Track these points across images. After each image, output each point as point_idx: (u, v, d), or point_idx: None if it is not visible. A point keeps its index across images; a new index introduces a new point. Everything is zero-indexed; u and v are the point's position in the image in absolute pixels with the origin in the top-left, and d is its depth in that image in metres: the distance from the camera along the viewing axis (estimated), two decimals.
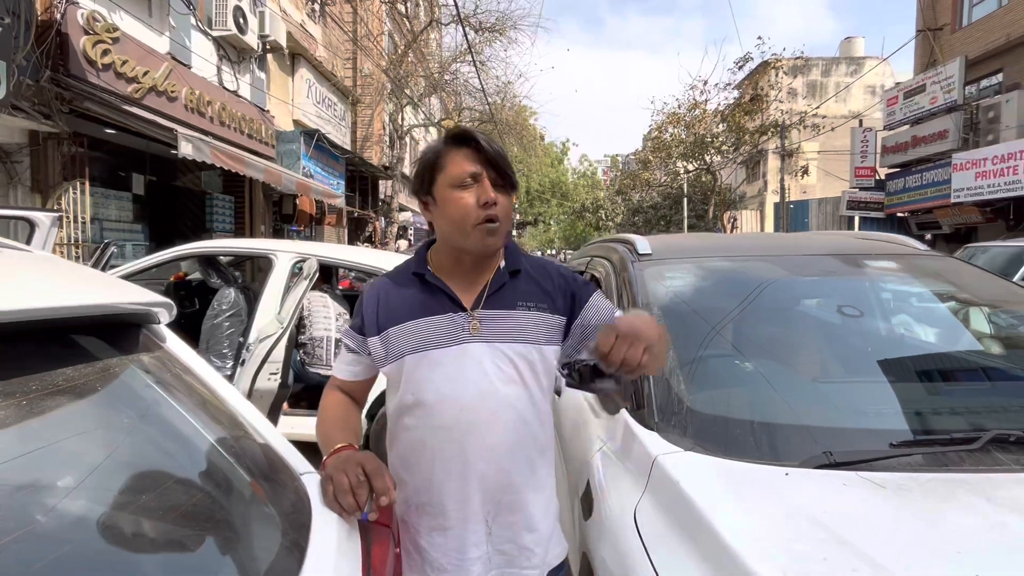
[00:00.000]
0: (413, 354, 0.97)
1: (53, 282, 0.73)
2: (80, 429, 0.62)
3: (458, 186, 0.95)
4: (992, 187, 11.15)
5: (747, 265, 1.84)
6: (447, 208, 0.96)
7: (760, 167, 23.78)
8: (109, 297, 0.76)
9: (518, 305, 0.99)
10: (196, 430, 0.73)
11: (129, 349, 0.78)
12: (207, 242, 3.85)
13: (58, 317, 0.66)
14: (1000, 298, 1.69)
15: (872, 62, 22.40)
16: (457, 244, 0.98)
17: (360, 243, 13.88)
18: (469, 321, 0.97)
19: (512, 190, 0.99)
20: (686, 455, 1.11)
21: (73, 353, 0.69)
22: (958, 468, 1.04)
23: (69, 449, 0.59)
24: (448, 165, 0.96)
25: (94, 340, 0.74)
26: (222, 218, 9.14)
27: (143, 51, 6.50)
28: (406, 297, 1.01)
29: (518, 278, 1.02)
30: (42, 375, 0.59)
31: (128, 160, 7.64)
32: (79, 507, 0.56)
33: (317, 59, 11.24)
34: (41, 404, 0.57)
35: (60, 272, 0.79)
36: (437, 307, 0.99)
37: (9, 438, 0.54)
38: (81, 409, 0.63)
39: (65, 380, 0.62)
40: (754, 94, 17.70)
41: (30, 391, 0.57)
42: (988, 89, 13.05)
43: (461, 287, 1.00)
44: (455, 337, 0.97)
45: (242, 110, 8.56)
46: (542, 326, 1.00)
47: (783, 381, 1.38)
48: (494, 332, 0.97)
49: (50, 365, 0.63)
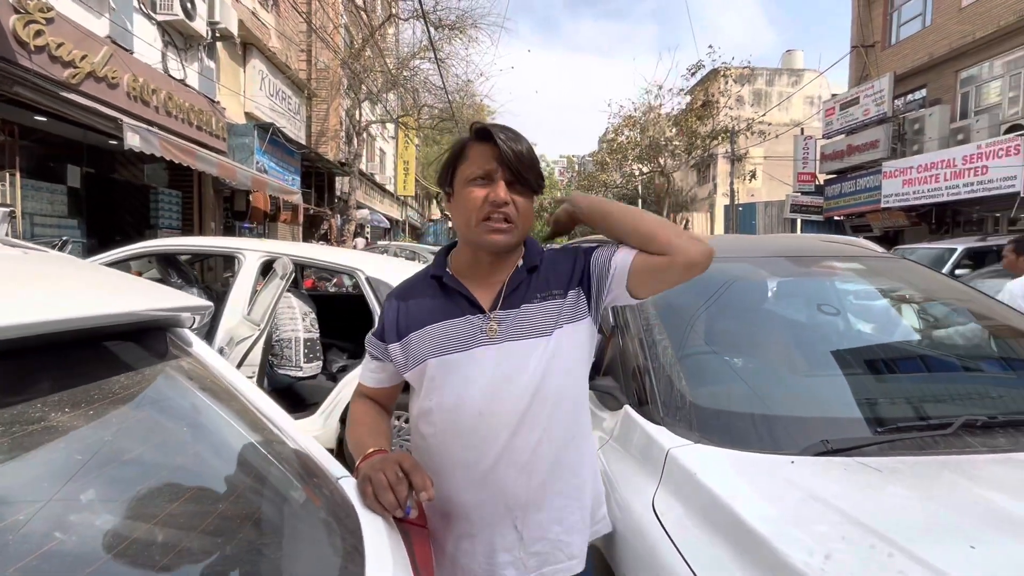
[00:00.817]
0: (433, 358, 0.96)
1: (84, 288, 0.69)
2: (144, 437, 0.59)
3: (472, 181, 0.95)
4: (917, 193, 12.13)
5: (731, 266, 1.94)
6: (460, 202, 0.97)
7: (710, 170, 24.82)
8: (142, 304, 0.72)
9: (534, 299, 0.98)
10: (243, 436, 0.71)
11: (162, 353, 0.75)
12: (166, 240, 3.64)
13: (92, 327, 0.62)
14: (957, 296, 1.87)
15: (811, 74, 23.82)
16: (468, 238, 0.98)
17: (315, 241, 13.45)
18: (487, 323, 0.96)
19: (533, 191, 0.98)
20: (697, 447, 1.16)
21: (113, 360, 0.65)
22: (937, 451, 1.14)
23: (136, 458, 0.56)
24: (468, 159, 0.96)
25: (129, 346, 0.70)
26: (168, 214, 8.62)
27: (80, 33, 6.04)
28: (425, 301, 1.00)
29: (536, 273, 1.01)
30: (100, 383, 0.56)
31: (62, 150, 7.08)
32: (151, 514, 0.54)
33: (270, 49, 10.80)
34: (107, 412, 0.54)
35: (86, 276, 0.75)
36: (456, 310, 0.98)
37: (79, 446, 0.51)
38: (138, 417, 0.60)
39: (121, 388, 0.59)
40: (705, 100, 18.43)
41: (92, 400, 0.54)
42: (913, 103, 14.17)
43: (480, 288, 0.99)
44: (473, 340, 0.96)
45: (190, 100, 8.11)
46: (556, 311, 0.97)
47: (776, 375, 1.47)
48: (511, 331, 0.96)
49: (98, 374, 0.60)
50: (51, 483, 0.52)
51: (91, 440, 0.54)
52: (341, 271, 4.88)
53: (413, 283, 1.06)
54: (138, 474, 0.56)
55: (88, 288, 0.68)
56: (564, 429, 0.99)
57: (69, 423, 0.54)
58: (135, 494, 0.58)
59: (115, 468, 0.58)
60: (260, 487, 0.69)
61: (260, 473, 0.71)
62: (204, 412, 0.71)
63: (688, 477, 1.07)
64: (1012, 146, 10.23)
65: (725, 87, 18.21)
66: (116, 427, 0.60)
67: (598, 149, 28.66)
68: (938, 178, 11.60)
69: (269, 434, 0.84)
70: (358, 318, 3.49)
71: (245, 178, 7.86)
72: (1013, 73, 11.70)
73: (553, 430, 0.97)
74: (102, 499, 0.58)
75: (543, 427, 0.96)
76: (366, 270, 3.25)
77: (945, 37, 12.84)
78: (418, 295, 1.02)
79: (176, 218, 8.79)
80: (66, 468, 0.52)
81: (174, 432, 0.68)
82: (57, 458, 0.53)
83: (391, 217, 21.83)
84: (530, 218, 0.99)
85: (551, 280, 1.00)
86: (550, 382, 0.96)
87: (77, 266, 0.80)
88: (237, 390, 0.84)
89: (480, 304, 0.97)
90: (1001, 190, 10.35)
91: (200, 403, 0.71)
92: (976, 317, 1.85)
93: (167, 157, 6.17)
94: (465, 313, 0.97)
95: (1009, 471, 1.06)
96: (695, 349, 1.56)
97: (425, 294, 1.02)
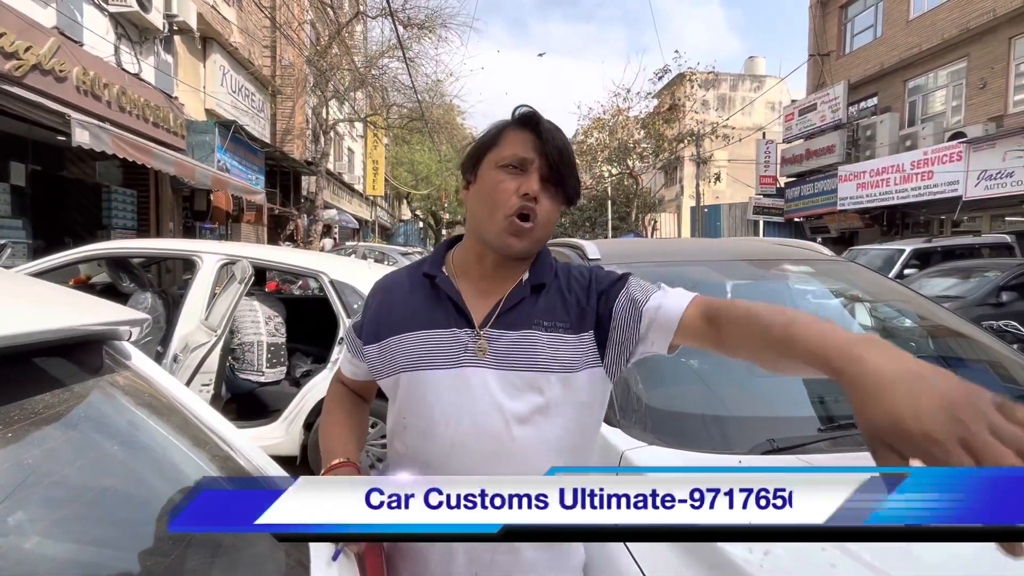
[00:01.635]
0: (407, 372, 0.82)
1: (10, 303, 0.66)
2: (72, 458, 0.57)
3: (504, 167, 0.81)
4: (870, 197, 12.72)
5: (687, 270, 2.00)
6: (483, 186, 0.83)
7: (677, 172, 25.39)
8: (74, 319, 0.70)
9: (533, 324, 0.81)
10: (184, 453, 0.69)
11: (96, 368, 0.72)
12: (118, 242, 3.50)
13: (20, 344, 0.60)
14: (899, 297, 1.98)
15: (772, 80, 24.67)
16: (481, 233, 0.84)
17: (282, 242, 13.13)
18: (475, 340, 0.81)
19: (564, 198, 0.85)
20: (650, 449, 1.19)
21: (42, 377, 0.63)
22: None
23: (66, 479, 0.54)
24: (502, 143, 0.83)
25: (60, 361, 0.67)
26: (122, 214, 8.26)
27: (24, 23, 5.73)
28: (410, 303, 0.87)
29: (541, 293, 0.84)
30: (21, 403, 0.54)
31: (4, 147, 6.70)
32: (84, 535, 0.52)
33: (232, 45, 10.48)
34: (30, 432, 0.52)
35: (13, 289, 0.71)
36: (442, 319, 0.83)
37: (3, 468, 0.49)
38: (69, 437, 0.58)
39: (45, 407, 0.56)
40: (672, 103, 18.86)
41: (12, 421, 0.52)
42: (866, 110, 14.85)
43: (475, 297, 0.85)
44: (455, 358, 0.81)
45: (145, 95, 7.79)
46: (561, 349, 0.80)
47: (726, 376, 1.52)
48: (502, 357, 0.80)
49: (25, 392, 0.57)
50: None
51: (13, 462, 0.52)
52: (305, 274, 4.78)
53: (402, 277, 0.92)
54: (67, 495, 0.54)
55: (15, 302, 0.65)
56: None
57: None
58: (65, 516, 0.56)
59: (43, 490, 0.56)
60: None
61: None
62: (142, 428, 0.69)
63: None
64: (955, 152, 10.84)
65: (691, 91, 18.67)
66: (41, 447, 0.57)
67: None
68: (888, 182, 12.19)
69: (214, 449, 0.82)
70: (323, 322, 3.43)
71: (205, 177, 7.61)
72: (956, 83, 12.40)
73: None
74: (31, 520, 0.55)
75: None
76: (330, 273, 3.20)
77: (894, 48, 13.50)
78: (405, 293, 0.88)
79: (131, 218, 8.43)
80: None
81: (107, 450, 0.66)
82: None
83: (360, 217, 21.50)
84: (551, 228, 0.85)
85: (559, 309, 0.83)
86: (541, 428, 0.80)
87: (3, 277, 0.77)
88: (180, 404, 0.82)
89: (471, 317, 0.82)
90: (945, 194, 10.96)
91: (137, 419, 0.69)
92: (916, 317, 1.96)
93: (120, 155, 5.92)
94: (452, 325, 0.82)
95: None
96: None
97: (413, 293, 0.88)
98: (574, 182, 0.84)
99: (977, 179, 10.33)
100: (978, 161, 10.35)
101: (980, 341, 1.70)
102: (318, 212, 13.24)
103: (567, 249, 2.16)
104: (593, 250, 1.99)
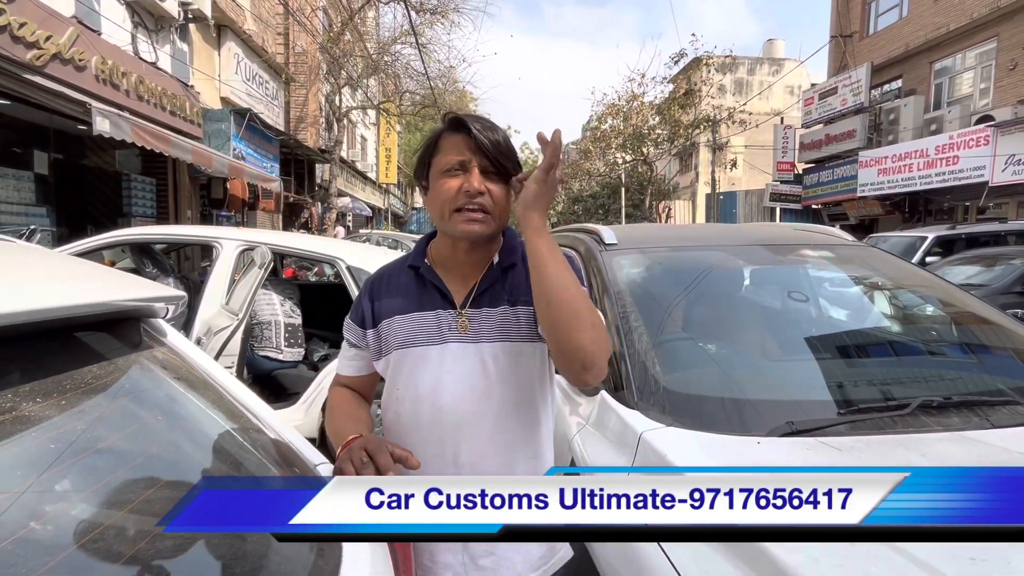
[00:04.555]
0: (399, 350, 0.95)
1: (54, 278, 0.68)
2: (118, 426, 0.60)
3: (447, 172, 0.92)
4: (891, 183, 12.41)
5: (706, 255, 1.98)
6: (434, 193, 0.94)
7: (692, 159, 24.99)
8: (113, 294, 0.72)
9: (506, 301, 0.95)
10: (220, 425, 0.72)
11: (135, 343, 0.75)
12: (140, 228, 3.57)
13: (65, 317, 0.62)
14: (921, 283, 1.94)
15: (791, 64, 24.03)
16: (444, 229, 0.96)
17: (296, 229, 13.24)
18: (457, 319, 0.95)
19: (508, 175, 0.94)
20: (668, 430, 1.20)
21: (87, 351, 0.66)
22: (894, 430, 1.20)
23: (114, 445, 0.57)
24: (441, 151, 0.94)
25: (103, 336, 0.70)
26: (142, 202, 8.39)
27: (44, 13, 5.79)
28: (400, 290, 0.99)
29: (511, 272, 0.97)
30: (71, 373, 0.57)
31: (28, 136, 6.82)
32: (126, 502, 0.55)
33: (246, 32, 10.50)
34: (79, 401, 0.55)
35: (55, 266, 0.74)
36: (428, 302, 0.96)
37: (52, 435, 0.52)
38: (115, 406, 0.60)
39: (93, 378, 0.59)
40: (687, 88, 18.50)
41: (65, 390, 0.54)
42: (889, 93, 14.43)
43: (455, 282, 0.98)
44: (439, 335, 0.94)
45: (163, 84, 7.86)
46: (529, 321, 0.94)
47: (744, 360, 1.51)
48: (480, 331, 0.94)
49: (73, 363, 0.60)
50: (25, 473, 0.53)
51: (64, 430, 0.55)
52: (321, 260, 4.84)
53: (391, 270, 1.05)
54: (112, 463, 0.57)
55: (58, 278, 0.68)
56: (517, 439, 0.96)
57: (41, 413, 0.54)
58: (109, 483, 0.59)
59: (89, 457, 0.59)
60: (237, 475, 0.70)
61: (237, 461, 0.72)
62: (179, 401, 0.72)
63: (659, 459, 1.11)
64: (982, 136, 10.51)
65: (707, 76, 18.28)
66: (89, 416, 0.60)
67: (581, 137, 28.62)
68: (912, 167, 11.87)
69: (246, 422, 0.84)
70: (339, 307, 3.47)
71: (222, 165, 7.69)
72: (984, 65, 11.98)
73: (501, 439, 0.94)
74: (77, 488, 0.58)
75: (487, 436, 0.93)
76: (347, 259, 3.23)
77: (920, 28, 13.05)
78: (394, 283, 1.01)
79: (150, 206, 8.57)
80: (39, 458, 0.53)
81: (148, 421, 0.69)
82: (30, 448, 0.53)
83: (373, 205, 21.57)
84: (507, 208, 0.96)
85: (523, 284, 0.94)
86: (505, 389, 0.93)
87: (46, 256, 0.80)
88: (213, 379, 0.85)
89: (453, 299, 0.96)
90: (971, 179, 10.65)
91: (175, 392, 0.72)
92: (939, 304, 1.93)
93: (139, 143, 6.00)
94: (436, 307, 0.96)
95: (959, 448, 1.12)
96: (670, 336, 1.60)
97: (401, 282, 1.01)
98: (512, 163, 0.95)
99: (1005, 164, 10.01)
100: (1006, 145, 10.02)
101: (1006, 327, 1.67)
102: (332, 200, 13.32)
103: (583, 234, 2.16)
104: (609, 235, 1.98)
